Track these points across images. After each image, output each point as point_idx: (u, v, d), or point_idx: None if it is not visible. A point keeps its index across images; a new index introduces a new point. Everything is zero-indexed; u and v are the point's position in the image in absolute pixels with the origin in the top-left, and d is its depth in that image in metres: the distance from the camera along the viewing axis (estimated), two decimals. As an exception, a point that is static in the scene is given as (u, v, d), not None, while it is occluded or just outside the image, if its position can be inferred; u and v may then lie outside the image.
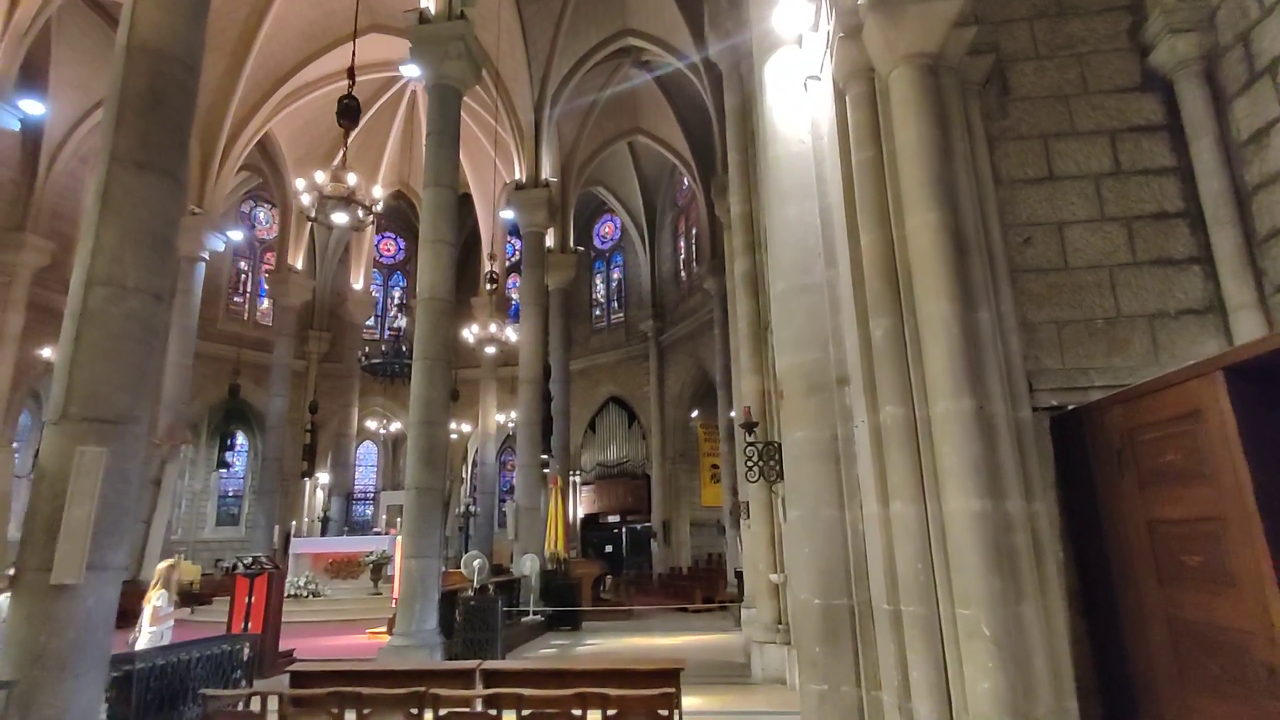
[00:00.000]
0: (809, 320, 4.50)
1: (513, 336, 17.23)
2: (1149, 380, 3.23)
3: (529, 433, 16.95)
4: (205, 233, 18.93)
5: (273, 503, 22.15)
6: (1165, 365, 3.90)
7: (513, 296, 27.38)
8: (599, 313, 30.21)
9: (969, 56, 4.20)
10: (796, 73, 4.88)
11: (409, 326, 19.77)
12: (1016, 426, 3.74)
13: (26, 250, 18.77)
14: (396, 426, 27.21)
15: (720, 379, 21.09)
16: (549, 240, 20.64)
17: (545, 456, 19.41)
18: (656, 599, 21.01)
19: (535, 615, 14.43)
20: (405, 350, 19.35)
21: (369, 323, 28.97)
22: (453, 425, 26.31)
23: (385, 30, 19.06)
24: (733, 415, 17.78)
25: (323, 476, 25.42)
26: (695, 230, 25.63)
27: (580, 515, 27.67)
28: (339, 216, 9.47)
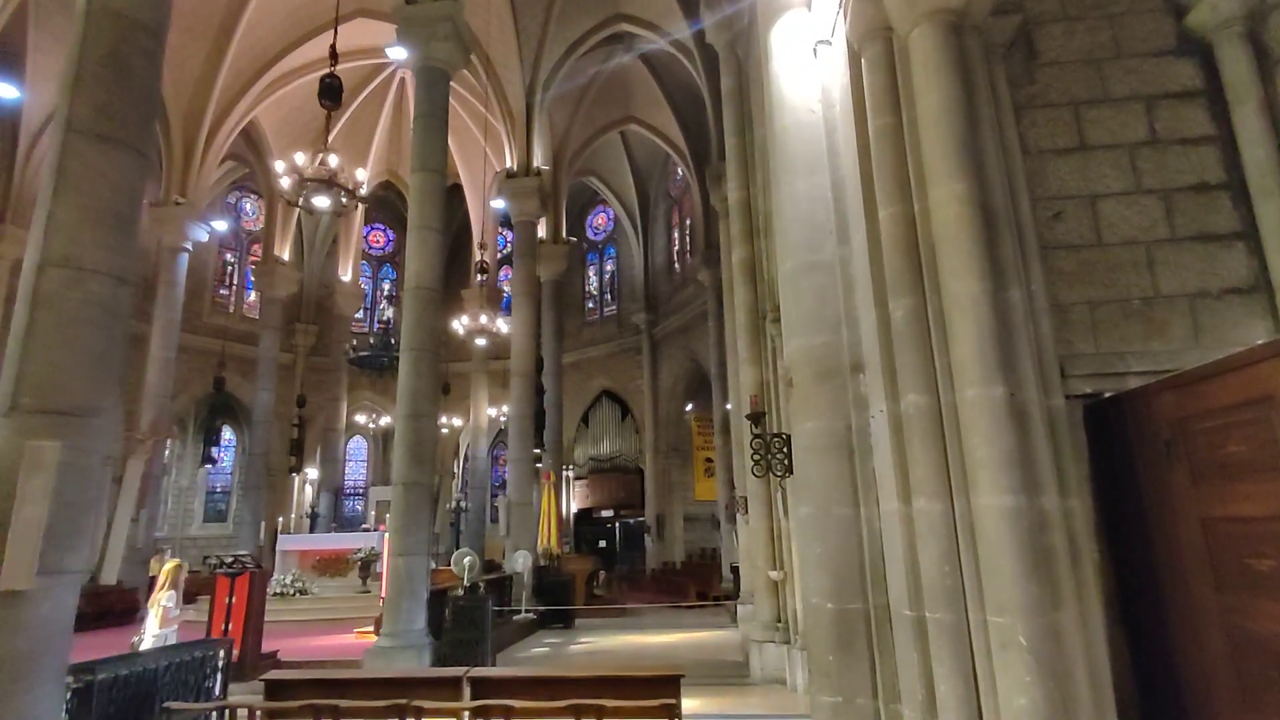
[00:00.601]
0: (820, 301, 4.17)
1: (503, 328, 16.86)
2: (1207, 364, 2.92)
3: (520, 426, 16.59)
4: (188, 223, 18.44)
5: (259, 499, 21.73)
6: (1208, 349, 3.60)
7: (505, 289, 26.97)
8: (591, 305, 29.84)
9: (994, 17, 3.88)
10: (805, 37, 4.54)
11: (398, 318, 19.39)
12: (1049, 416, 3.43)
13: (5, 241, 18.25)
14: (386, 421, 26.77)
15: (715, 371, 20.81)
16: (541, 231, 20.25)
17: (537, 451, 19.08)
18: (650, 595, 20.75)
19: (527, 613, 14.11)
20: (394, 343, 18.97)
21: (358, 315, 28.50)
22: (444, 420, 25.93)
23: (372, 15, 18.58)
24: (728, 408, 17.48)
25: (312, 472, 25.00)
26: (689, 221, 25.29)
27: (574, 510, 27.38)
28: (320, 200, 9.07)
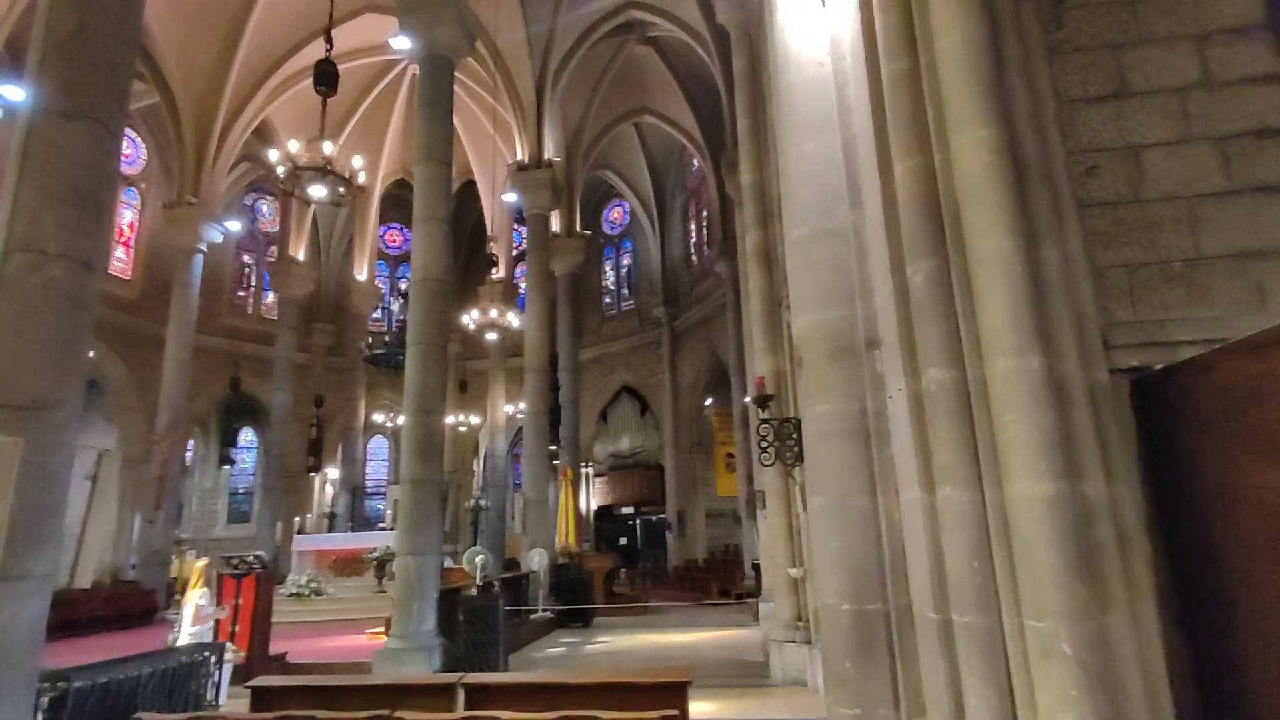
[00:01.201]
0: (832, 272, 3.78)
1: (515, 322, 16.57)
2: (1282, 324, 2.49)
3: (535, 422, 16.32)
4: (202, 223, 18.44)
5: (278, 499, 21.75)
6: (1261, 315, 3.16)
7: (520, 286, 26.76)
8: (609, 300, 29.53)
9: (1021, -52, 3.44)
10: (812, -16, 4.15)
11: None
12: (1091, 391, 3.01)
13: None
14: (404, 420, 26.71)
15: (734, 364, 20.38)
16: (555, 225, 19.97)
17: (553, 447, 18.81)
18: (671, 592, 20.39)
19: (544, 612, 13.83)
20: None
21: (375, 315, 28.47)
22: (463, 418, 25.82)
23: (379, 10, 18.42)
24: (747, 401, 17.05)
25: (332, 472, 25.00)
26: (706, 213, 24.84)
27: (594, 507, 27.10)
28: (316, 190, 8.83)
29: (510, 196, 18.88)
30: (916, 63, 3.34)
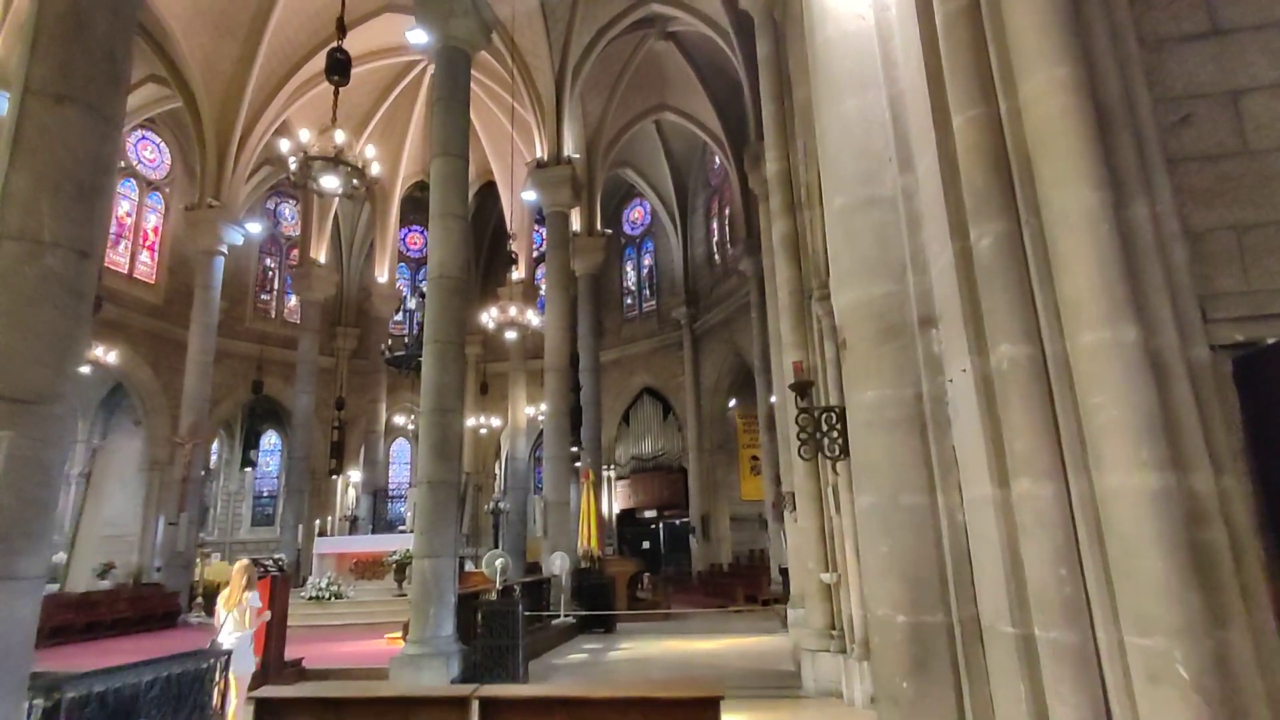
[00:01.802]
0: (878, 243, 3.39)
1: (534, 320, 16.29)
2: None
3: (556, 423, 16.01)
4: (223, 226, 18.43)
5: (301, 502, 21.70)
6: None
7: (540, 288, 26.56)
8: (630, 301, 29.21)
9: None
10: (852, -71, 3.77)
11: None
12: (1190, 369, 2.60)
13: None
14: (421, 419, 26.64)
15: (759, 365, 19.95)
16: (575, 224, 19.69)
17: (575, 449, 18.50)
18: (696, 598, 19.96)
19: (566, 618, 13.50)
20: (430, 341, 18.60)
21: (397, 318, 28.45)
22: (484, 420, 25.64)
23: (398, 9, 18.32)
24: (773, 401, 16.61)
25: (354, 474, 24.96)
26: (728, 211, 24.43)
27: (616, 510, 26.75)
28: (328, 180, 8.60)
29: (530, 195, 18.63)
30: None
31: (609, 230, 22.59)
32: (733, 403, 24.54)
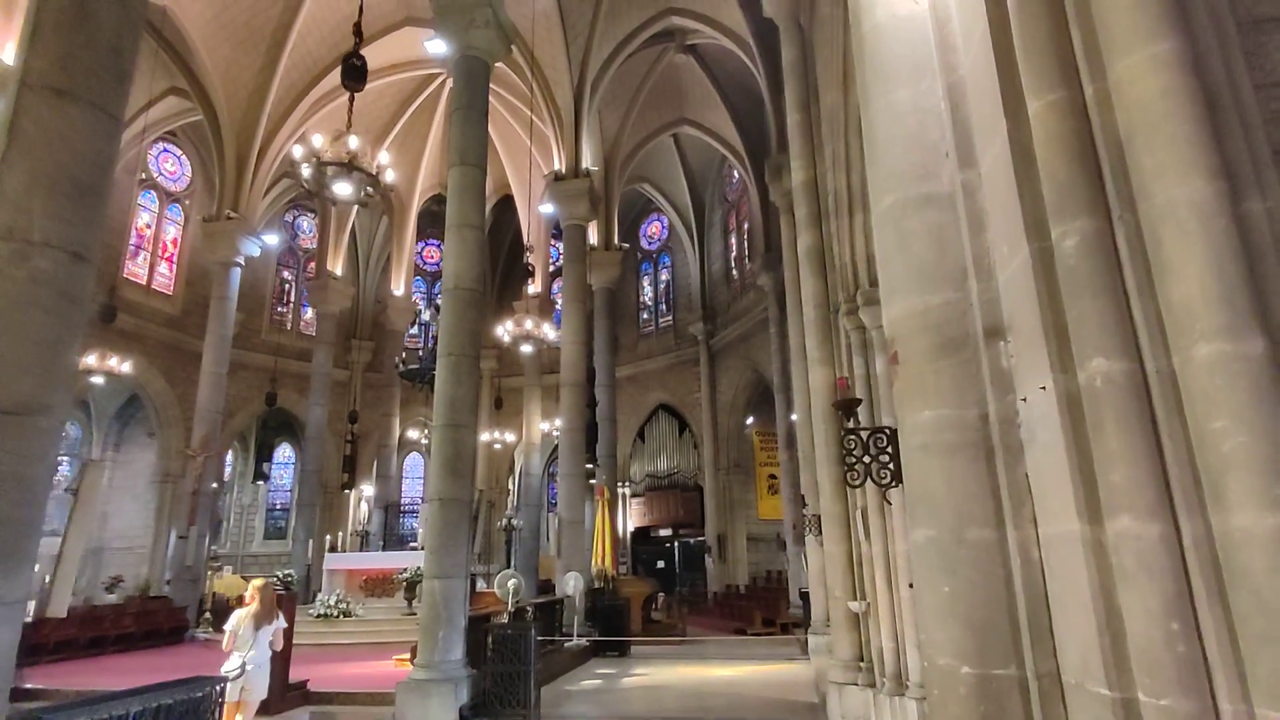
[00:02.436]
0: (935, 246, 3.05)
1: (550, 334, 16.02)
2: None
3: (572, 439, 15.69)
4: (240, 238, 18.40)
5: (312, 516, 21.47)
6: None
7: (557, 302, 26.37)
8: (646, 316, 28.93)
9: None
10: (902, -93, 3.47)
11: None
12: (1315, 391, 2.22)
13: None
14: (434, 434, 26.43)
15: (778, 382, 19.56)
16: (592, 237, 19.48)
17: (590, 466, 18.15)
18: (712, 620, 19.46)
19: (579, 640, 13.09)
20: (444, 355, 18.38)
21: (413, 331, 28.33)
22: (498, 435, 25.37)
23: (419, 23, 18.32)
24: (793, 419, 16.24)
25: (367, 488, 24.73)
26: (747, 225, 24.15)
27: (630, 528, 26.30)
28: (341, 187, 8.39)
29: (548, 208, 18.47)
30: (1054, -26, 2.63)
31: (626, 244, 22.36)
32: (750, 420, 24.11)
